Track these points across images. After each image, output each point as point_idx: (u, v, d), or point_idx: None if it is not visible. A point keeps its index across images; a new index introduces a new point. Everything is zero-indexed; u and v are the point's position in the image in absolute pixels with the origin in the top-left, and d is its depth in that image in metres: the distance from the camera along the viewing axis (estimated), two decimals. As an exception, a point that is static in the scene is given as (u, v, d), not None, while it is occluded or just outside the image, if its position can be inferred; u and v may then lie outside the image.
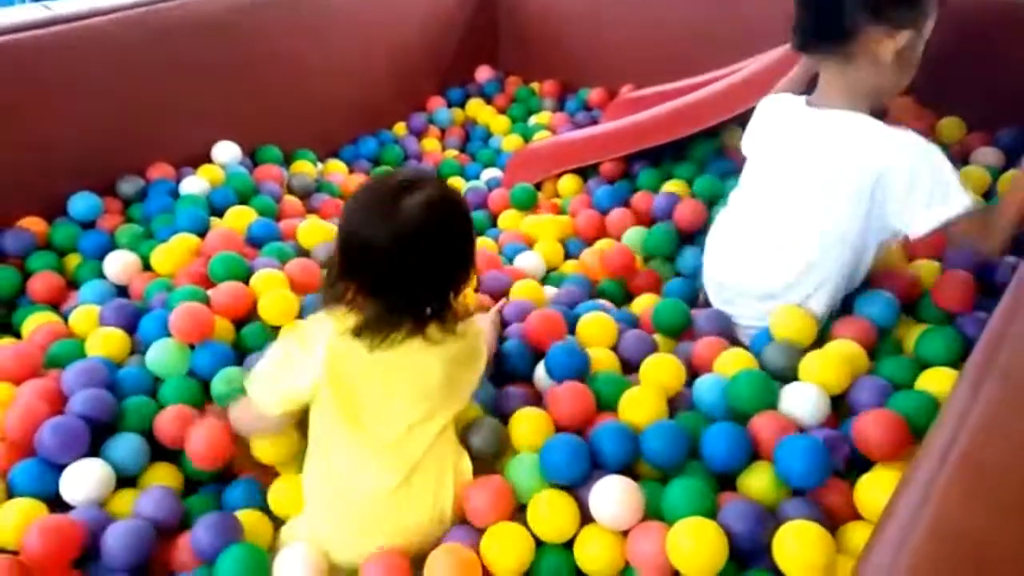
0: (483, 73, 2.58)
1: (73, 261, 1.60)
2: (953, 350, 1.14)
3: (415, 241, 0.91)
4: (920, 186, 1.12)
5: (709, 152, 1.84)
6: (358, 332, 0.95)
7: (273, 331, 1.33)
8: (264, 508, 1.10)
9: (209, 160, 1.90)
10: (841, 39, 1.15)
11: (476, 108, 2.48)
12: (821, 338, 1.23)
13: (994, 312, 0.87)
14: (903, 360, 1.17)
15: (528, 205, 1.88)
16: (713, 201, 1.66)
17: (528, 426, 1.10)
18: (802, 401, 1.10)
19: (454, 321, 1.00)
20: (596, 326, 1.30)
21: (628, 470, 1.05)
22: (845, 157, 1.16)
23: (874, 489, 0.96)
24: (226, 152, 1.91)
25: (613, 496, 0.98)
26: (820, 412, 1.09)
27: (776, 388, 1.13)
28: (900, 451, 0.99)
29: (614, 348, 1.29)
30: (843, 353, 1.16)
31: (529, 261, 1.63)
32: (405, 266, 0.92)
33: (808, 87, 1.32)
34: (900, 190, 1.13)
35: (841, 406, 1.14)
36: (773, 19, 1.81)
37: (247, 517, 1.06)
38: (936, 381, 1.08)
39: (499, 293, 1.47)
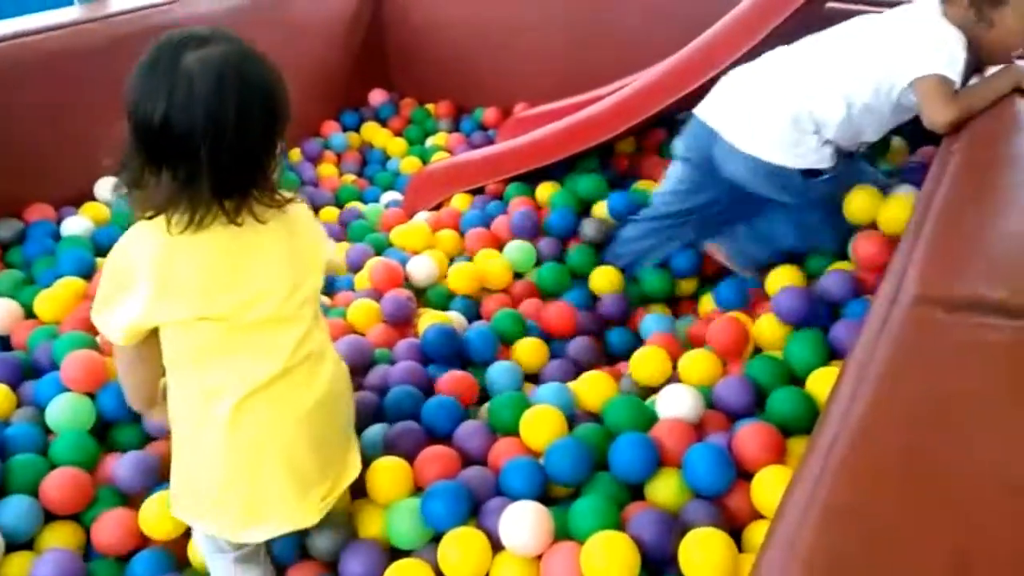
0: (377, 96, 2.57)
1: (-53, 313, 1.50)
2: (819, 353, 1.21)
3: (202, 103, 0.81)
4: (922, 45, 1.28)
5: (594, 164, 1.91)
6: (154, 213, 0.84)
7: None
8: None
9: (92, 198, 1.83)
10: None
11: (372, 131, 2.47)
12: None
13: (869, 311, 0.92)
14: (770, 360, 1.24)
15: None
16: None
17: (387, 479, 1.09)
18: (677, 402, 1.16)
19: (271, 195, 0.89)
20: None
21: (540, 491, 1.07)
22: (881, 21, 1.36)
23: (769, 485, 1.01)
24: (110, 188, 1.83)
25: (522, 523, 0.99)
26: (695, 410, 1.16)
27: (650, 407, 1.19)
28: (775, 461, 1.05)
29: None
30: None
31: (421, 265, 1.63)
32: (196, 133, 0.81)
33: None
34: (907, 44, 1.30)
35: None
36: (650, 39, 1.90)
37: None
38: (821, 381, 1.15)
39: (403, 321, 1.47)
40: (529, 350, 1.39)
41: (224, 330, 0.90)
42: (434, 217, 1.87)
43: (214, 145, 0.82)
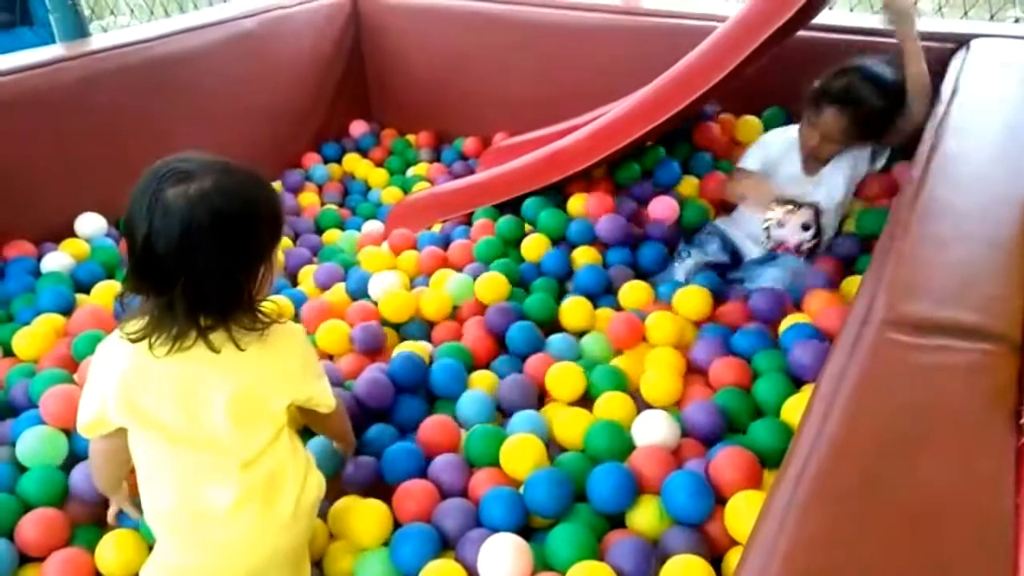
0: (357, 127, 2.59)
1: (-74, 351, 1.50)
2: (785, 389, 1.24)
3: (175, 239, 0.84)
4: None
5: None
6: (138, 337, 0.89)
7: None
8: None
9: (72, 234, 1.83)
10: None
11: (353, 162, 2.48)
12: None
13: (836, 343, 0.93)
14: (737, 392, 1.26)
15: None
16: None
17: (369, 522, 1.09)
18: (654, 429, 1.17)
19: (249, 325, 0.91)
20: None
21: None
22: None
23: (742, 512, 1.01)
24: (90, 224, 1.84)
25: (500, 556, 0.98)
26: (672, 437, 1.17)
27: (627, 434, 1.19)
28: (752, 486, 1.06)
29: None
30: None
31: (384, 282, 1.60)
32: (170, 264, 0.85)
33: None
34: None
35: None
36: (629, 70, 1.92)
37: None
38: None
39: (375, 350, 1.46)
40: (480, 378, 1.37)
41: (169, 446, 0.92)
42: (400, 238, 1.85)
43: (187, 277, 0.86)
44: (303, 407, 1.03)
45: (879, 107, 1.52)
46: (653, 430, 1.17)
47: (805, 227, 1.55)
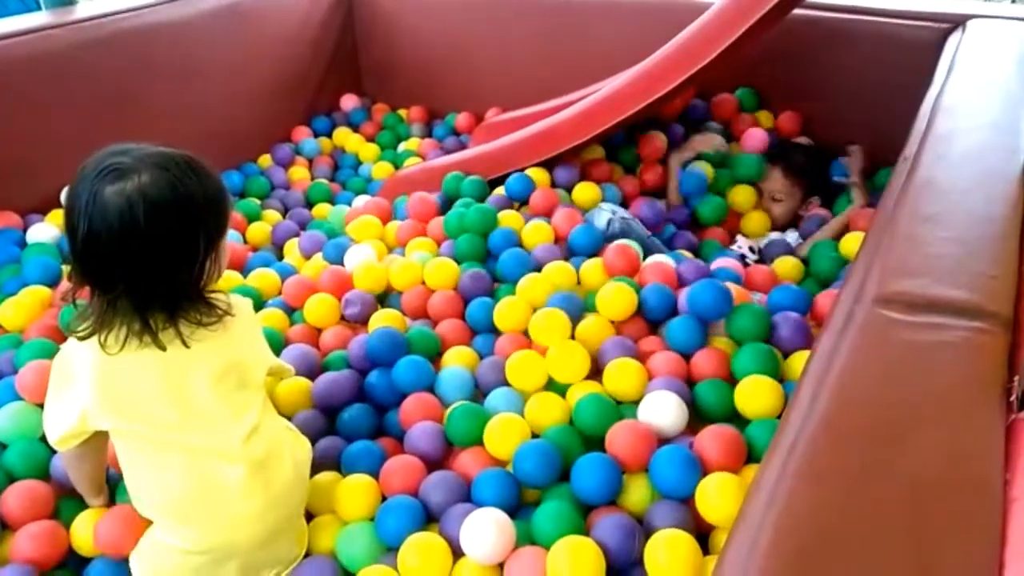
0: (348, 101, 2.56)
1: (-90, 322, 1.48)
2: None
3: (115, 237, 0.84)
4: None
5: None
6: (87, 333, 0.88)
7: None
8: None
9: (58, 204, 1.80)
10: None
11: (343, 137, 2.46)
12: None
13: (824, 328, 0.92)
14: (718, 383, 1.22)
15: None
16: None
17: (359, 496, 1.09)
18: (661, 411, 1.14)
19: (196, 319, 0.91)
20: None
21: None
22: None
23: (714, 494, 1.00)
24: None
25: (483, 531, 0.98)
26: (680, 419, 1.14)
27: (618, 407, 1.18)
28: (736, 466, 1.05)
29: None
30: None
31: (359, 254, 1.58)
32: (112, 260, 0.85)
33: None
34: None
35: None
36: (620, 47, 1.91)
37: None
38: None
39: (362, 321, 1.44)
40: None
41: (167, 436, 0.92)
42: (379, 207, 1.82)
43: (130, 275, 0.86)
44: None
45: (802, 160, 1.90)
46: (660, 413, 1.14)
47: (752, 249, 1.82)
